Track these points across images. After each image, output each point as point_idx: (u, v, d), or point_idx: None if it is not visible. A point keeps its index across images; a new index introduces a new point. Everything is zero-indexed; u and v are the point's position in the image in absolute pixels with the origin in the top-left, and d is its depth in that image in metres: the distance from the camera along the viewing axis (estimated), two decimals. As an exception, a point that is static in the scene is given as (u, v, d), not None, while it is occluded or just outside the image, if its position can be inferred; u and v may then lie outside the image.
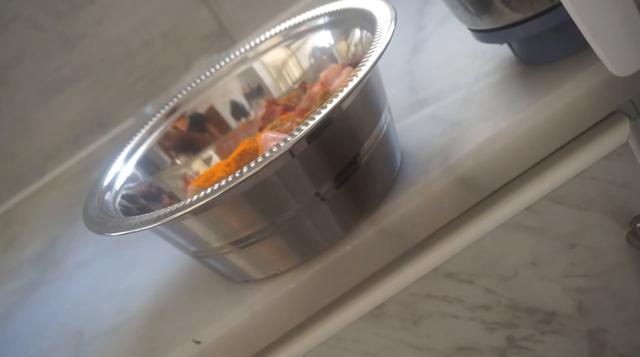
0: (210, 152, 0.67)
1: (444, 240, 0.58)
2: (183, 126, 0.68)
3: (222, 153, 0.67)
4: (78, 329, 0.68)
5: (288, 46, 0.68)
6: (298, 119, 0.62)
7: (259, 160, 0.47)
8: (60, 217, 0.94)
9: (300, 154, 0.49)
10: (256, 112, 0.68)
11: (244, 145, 0.58)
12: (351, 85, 0.48)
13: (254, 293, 0.56)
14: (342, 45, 0.63)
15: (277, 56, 0.68)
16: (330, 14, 0.64)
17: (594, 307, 0.62)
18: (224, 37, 1.09)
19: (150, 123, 0.68)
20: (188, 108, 0.69)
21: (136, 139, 0.67)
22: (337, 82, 0.61)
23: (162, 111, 0.69)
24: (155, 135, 0.67)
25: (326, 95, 0.61)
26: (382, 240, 0.55)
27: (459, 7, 0.57)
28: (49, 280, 0.81)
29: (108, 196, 0.60)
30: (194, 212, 0.49)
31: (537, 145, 0.56)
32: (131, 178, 0.63)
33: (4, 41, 1.05)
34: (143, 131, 0.67)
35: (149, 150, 0.66)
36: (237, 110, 0.68)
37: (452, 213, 0.56)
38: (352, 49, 0.62)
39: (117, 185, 0.62)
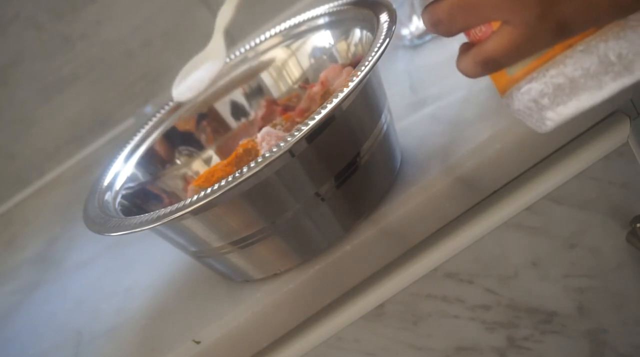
0: (210, 152, 0.67)
1: (444, 240, 0.58)
2: (189, 125, 0.68)
3: (222, 153, 0.67)
4: (78, 329, 0.67)
5: (288, 46, 0.68)
6: (298, 119, 0.62)
7: (259, 160, 0.47)
8: (60, 217, 0.94)
9: (300, 154, 0.49)
10: (256, 112, 0.68)
11: (244, 145, 0.58)
12: (351, 85, 0.48)
13: (254, 293, 0.56)
14: (342, 45, 0.63)
15: (277, 56, 0.68)
16: (330, 14, 0.64)
17: (594, 307, 0.62)
18: (224, 37, 1.09)
19: (150, 123, 0.68)
20: (188, 108, 0.69)
21: (136, 139, 0.67)
22: (337, 82, 0.61)
23: (162, 111, 0.69)
24: (155, 135, 0.67)
25: (326, 95, 0.61)
26: (382, 240, 0.55)
27: (459, 7, 0.57)
28: (49, 280, 0.81)
29: (108, 196, 0.60)
30: (194, 212, 0.49)
31: (537, 145, 0.56)
32: (131, 178, 0.63)
33: (4, 41, 1.05)
34: (143, 131, 0.67)
35: (149, 150, 0.66)
36: (237, 110, 0.69)
37: (452, 213, 0.56)
38: (352, 49, 0.62)
39: (117, 185, 0.62)
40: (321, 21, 0.65)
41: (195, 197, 0.48)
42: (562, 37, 0.39)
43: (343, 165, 0.52)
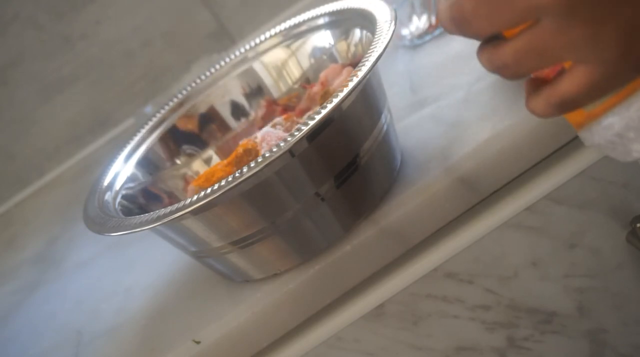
0: (210, 152, 0.67)
1: (444, 240, 0.58)
2: (192, 125, 0.68)
3: (222, 153, 0.67)
4: (78, 329, 0.67)
5: (288, 46, 0.68)
6: (298, 119, 0.62)
7: (259, 160, 0.47)
8: (60, 217, 0.94)
9: (300, 154, 0.49)
10: (256, 112, 0.68)
11: (244, 145, 0.58)
12: (351, 85, 0.48)
13: (254, 293, 0.56)
14: (342, 45, 0.63)
15: (277, 56, 0.68)
16: (330, 14, 0.64)
17: (594, 307, 0.62)
18: (224, 37, 1.09)
19: (150, 123, 0.68)
20: (188, 108, 0.69)
21: (136, 139, 0.67)
22: (337, 82, 0.61)
23: (162, 111, 0.69)
24: (155, 135, 0.67)
25: (326, 95, 0.61)
26: (382, 240, 0.55)
27: (459, 7, 0.57)
28: (49, 280, 0.81)
29: (108, 196, 0.60)
30: (194, 212, 0.49)
31: (537, 145, 0.56)
32: (131, 178, 0.63)
33: (4, 41, 1.05)
34: (143, 131, 0.67)
35: (149, 150, 0.66)
36: (237, 110, 0.68)
37: (452, 213, 0.56)
38: (352, 49, 0.62)
39: (117, 185, 0.62)
40: (321, 21, 0.65)
41: (195, 197, 0.48)
42: None
43: (343, 165, 0.52)
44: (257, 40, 0.69)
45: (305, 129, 0.47)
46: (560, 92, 0.38)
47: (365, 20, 0.59)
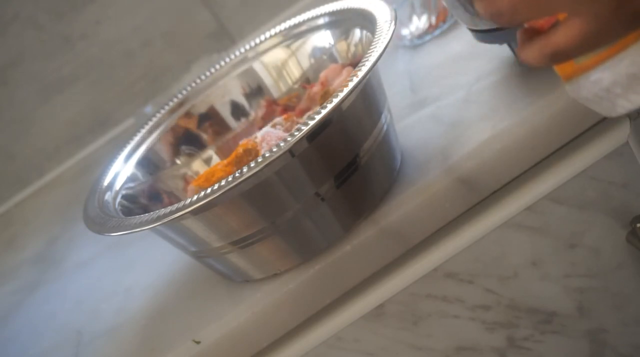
0: (210, 152, 0.67)
1: (444, 240, 0.58)
2: (191, 124, 0.68)
3: (222, 153, 0.67)
4: (78, 329, 0.68)
5: (288, 46, 0.68)
6: (298, 119, 0.62)
7: (259, 160, 0.47)
8: (60, 217, 0.94)
9: (300, 154, 0.49)
10: (256, 112, 0.68)
11: (244, 145, 0.58)
12: (351, 85, 0.49)
13: (254, 293, 0.56)
14: (342, 45, 0.63)
15: (277, 56, 0.68)
16: (330, 14, 0.64)
17: (594, 307, 0.62)
18: (224, 37, 1.09)
19: (150, 123, 0.68)
20: (188, 108, 0.69)
21: (136, 139, 0.67)
22: (337, 82, 0.61)
23: (162, 111, 0.69)
24: (155, 135, 0.67)
25: (326, 95, 0.61)
26: (382, 240, 0.55)
27: (459, 7, 0.57)
28: (49, 280, 0.81)
29: (108, 196, 0.60)
30: (194, 212, 0.49)
31: (537, 145, 0.56)
32: (131, 178, 0.63)
33: (4, 41, 1.05)
34: (143, 131, 0.67)
35: (149, 150, 0.66)
36: (237, 110, 0.69)
37: (452, 213, 0.56)
38: (352, 49, 0.62)
39: (117, 185, 0.62)
40: (321, 21, 0.65)
41: (195, 197, 0.48)
42: (636, 26, 0.38)
43: (343, 165, 0.52)
44: (257, 40, 0.69)
45: (305, 129, 0.47)
46: (553, 43, 0.39)
47: (365, 20, 0.59)
